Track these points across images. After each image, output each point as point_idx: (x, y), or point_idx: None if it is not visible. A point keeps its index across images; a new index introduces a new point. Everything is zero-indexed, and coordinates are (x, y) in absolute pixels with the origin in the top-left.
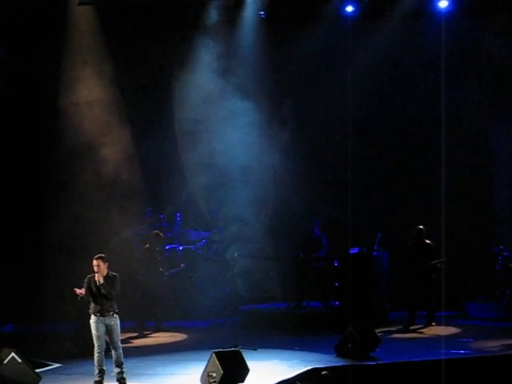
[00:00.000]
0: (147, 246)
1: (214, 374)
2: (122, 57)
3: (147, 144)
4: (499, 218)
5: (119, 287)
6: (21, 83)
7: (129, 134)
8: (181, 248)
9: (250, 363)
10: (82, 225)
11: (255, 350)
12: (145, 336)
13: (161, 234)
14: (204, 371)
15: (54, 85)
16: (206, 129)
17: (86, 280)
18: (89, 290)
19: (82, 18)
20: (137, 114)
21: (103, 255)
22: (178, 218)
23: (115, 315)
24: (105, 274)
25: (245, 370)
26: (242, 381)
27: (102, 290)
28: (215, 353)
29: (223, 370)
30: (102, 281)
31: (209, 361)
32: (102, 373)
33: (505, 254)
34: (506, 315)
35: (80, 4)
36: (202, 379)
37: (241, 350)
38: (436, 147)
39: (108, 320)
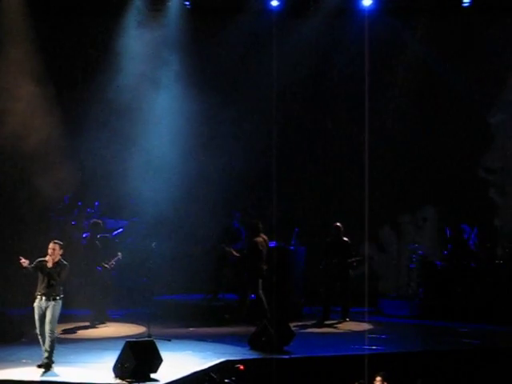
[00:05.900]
0: (88, 235)
1: (127, 364)
2: (50, 45)
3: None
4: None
5: (65, 277)
6: None
7: (57, 125)
8: (98, 236)
9: (163, 354)
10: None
11: (169, 340)
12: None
13: (99, 222)
14: (117, 361)
15: None
16: (136, 114)
17: (37, 260)
18: (39, 272)
19: (10, 5)
20: (66, 104)
21: (61, 242)
22: (96, 207)
23: (56, 300)
24: (56, 260)
25: (158, 361)
26: (155, 371)
27: (48, 275)
28: (128, 342)
29: (136, 359)
30: (50, 265)
31: (122, 350)
32: None
33: (419, 252)
34: (418, 313)
35: None
36: (115, 368)
37: (154, 341)
38: (359, 145)
39: (46, 304)
